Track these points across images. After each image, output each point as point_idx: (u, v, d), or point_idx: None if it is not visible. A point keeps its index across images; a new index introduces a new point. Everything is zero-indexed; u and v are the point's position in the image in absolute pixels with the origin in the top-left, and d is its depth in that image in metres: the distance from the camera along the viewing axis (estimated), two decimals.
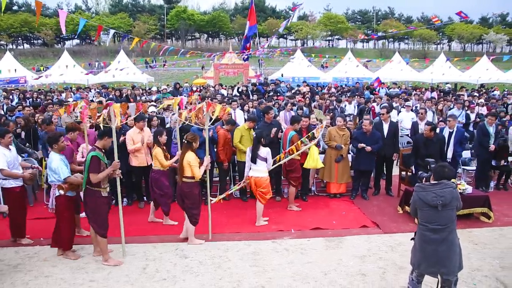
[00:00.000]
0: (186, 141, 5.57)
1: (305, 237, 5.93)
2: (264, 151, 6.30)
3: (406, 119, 10.54)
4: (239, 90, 17.02)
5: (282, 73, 27.13)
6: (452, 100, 13.49)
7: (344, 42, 73.54)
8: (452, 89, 23.40)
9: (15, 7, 64.78)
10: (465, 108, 11.57)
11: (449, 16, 57.61)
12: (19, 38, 65.82)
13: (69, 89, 19.50)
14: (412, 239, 4.08)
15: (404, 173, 7.92)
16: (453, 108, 11.76)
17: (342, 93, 17.47)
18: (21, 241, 5.67)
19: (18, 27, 58.20)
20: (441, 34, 72.50)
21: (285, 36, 73.36)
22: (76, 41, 69.76)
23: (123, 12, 65.63)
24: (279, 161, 6.79)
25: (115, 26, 52.91)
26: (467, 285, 4.58)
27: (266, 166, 6.36)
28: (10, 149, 5.52)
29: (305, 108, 10.68)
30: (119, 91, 16.13)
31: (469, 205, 6.32)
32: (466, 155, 8.85)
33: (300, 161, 7.03)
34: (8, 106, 12.33)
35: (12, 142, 5.70)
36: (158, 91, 18.20)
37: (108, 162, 5.11)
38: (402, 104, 12.37)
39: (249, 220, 6.53)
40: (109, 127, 5.14)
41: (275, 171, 7.01)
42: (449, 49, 76.38)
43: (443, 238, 3.75)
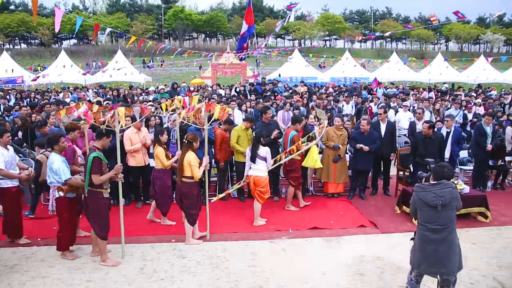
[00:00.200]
0: (187, 141, 5.57)
1: (303, 237, 5.93)
2: (263, 151, 6.31)
3: (404, 119, 10.54)
4: (237, 90, 17.01)
5: (279, 73, 27.11)
6: (449, 100, 13.55)
7: (342, 42, 73.71)
8: (450, 89, 23.44)
9: (12, 7, 64.55)
10: (462, 108, 11.62)
11: (447, 16, 57.76)
12: (16, 38, 65.65)
13: (67, 89, 19.42)
14: (412, 239, 4.08)
15: (401, 173, 7.94)
16: (451, 108, 11.81)
17: (339, 93, 17.43)
18: (18, 241, 5.65)
19: (15, 27, 58.05)
20: (438, 34, 72.70)
21: (282, 36, 73.39)
22: (74, 41, 69.72)
23: (120, 12, 65.50)
24: (279, 160, 6.80)
25: (113, 26, 52.75)
26: (465, 284, 4.58)
27: (266, 165, 6.37)
28: (8, 149, 5.49)
29: (302, 108, 10.68)
30: (117, 91, 16.03)
31: (467, 204, 6.31)
32: (464, 155, 8.87)
33: (300, 161, 7.04)
34: (5, 106, 12.28)
35: (10, 141, 5.67)
36: (155, 91, 18.14)
37: (107, 163, 5.08)
38: (399, 104, 12.39)
39: (247, 220, 6.53)
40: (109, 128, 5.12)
41: (272, 172, 7.00)
42: (446, 49, 76.54)
43: (443, 238, 3.75)
